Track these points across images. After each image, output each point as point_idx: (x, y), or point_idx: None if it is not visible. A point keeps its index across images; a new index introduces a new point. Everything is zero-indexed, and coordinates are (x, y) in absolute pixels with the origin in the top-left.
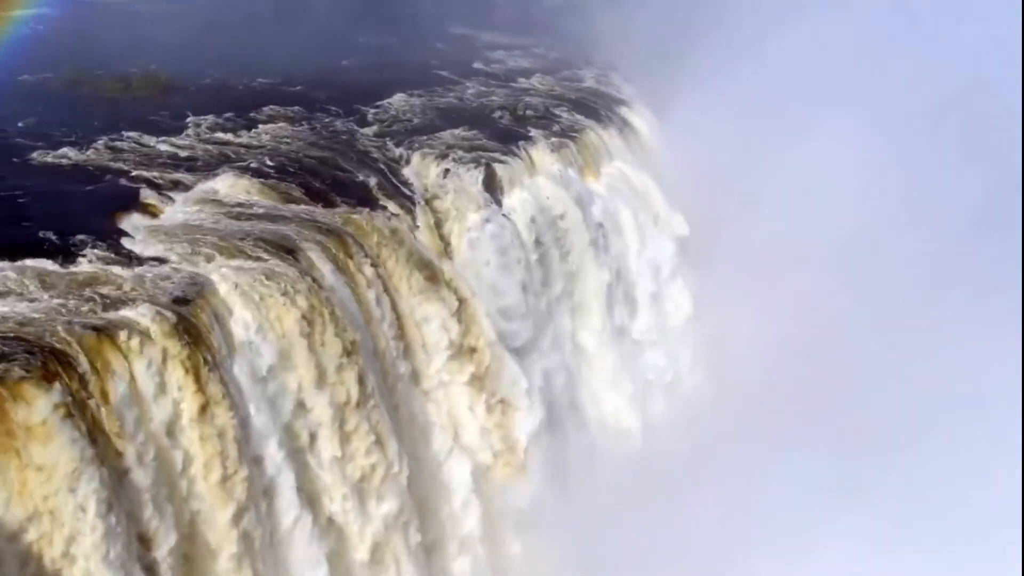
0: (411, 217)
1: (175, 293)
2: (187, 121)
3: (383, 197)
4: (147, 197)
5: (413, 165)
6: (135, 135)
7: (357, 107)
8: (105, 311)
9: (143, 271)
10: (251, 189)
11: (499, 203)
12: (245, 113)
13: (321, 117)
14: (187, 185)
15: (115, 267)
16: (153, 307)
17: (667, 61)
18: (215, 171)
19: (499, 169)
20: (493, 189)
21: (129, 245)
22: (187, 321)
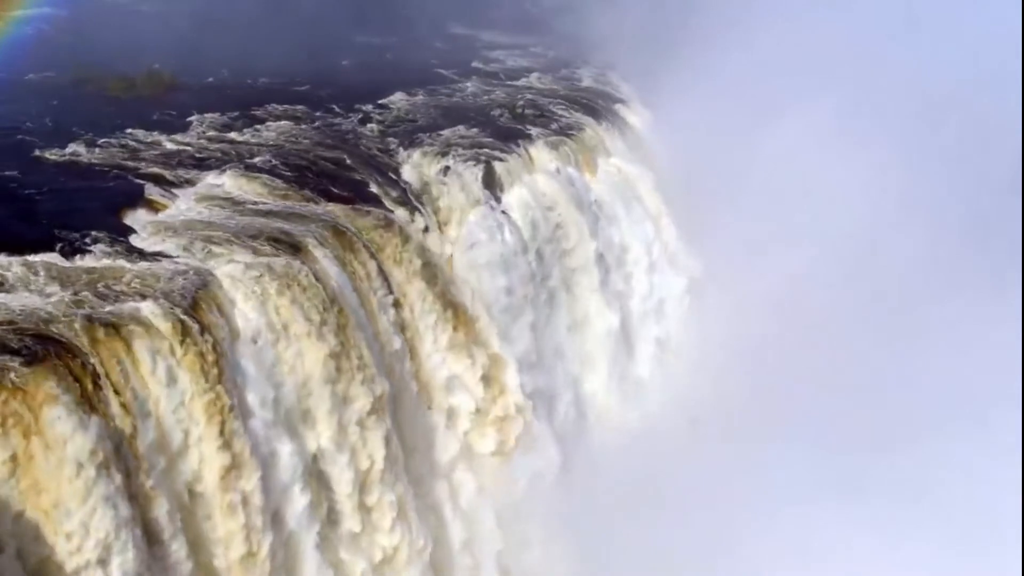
0: (411, 213)
1: (180, 287)
2: (191, 119)
3: (384, 194)
4: (152, 194)
5: (414, 162)
6: (140, 133)
7: (358, 106)
8: (112, 305)
9: (148, 266)
10: (254, 186)
11: (498, 199)
12: (248, 111)
13: (323, 115)
14: (191, 182)
15: (121, 262)
16: (158, 301)
17: (664, 59)
18: (219, 168)
19: (498, 166)
20: (492, 186)
21: (134, 241)
22: (192, 314)
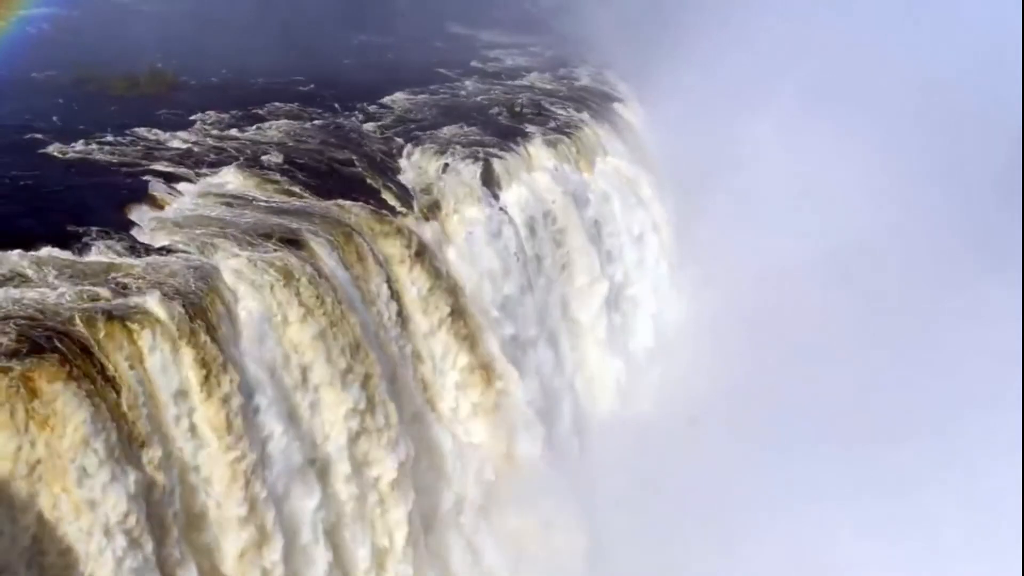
0: (411, 209)
1: (184, 282)
2: (194, 118)
3: (384, 190)
4: (156, 190)
5: (413, 160)
6: (143, 131)
7: (359, 104)
8: (117, 298)
9: (153, 261)
10: (256, 183)
11: (497, 197)
12: (250, 110)
13: (324, 114)
14: (194, 179)
15: (126, 257)
16: (163, 295)
17: (661, 58)
18: (221, 166)
19: (497, 164)
20: (491, 183)
21: (139, 236)
22: (196, 307)
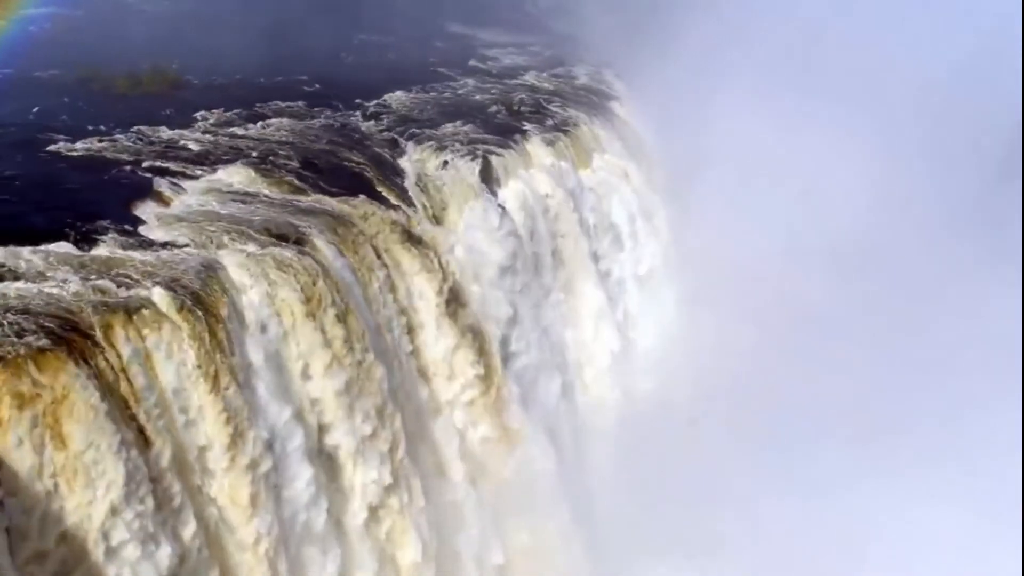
0: (411, 206)
1: (188, 275)
2: (197, 116)
3: (384, 187)
4: (160, 187)
5: (413, 157)
6: (147, 129)
7: (359, 102)
8: (124, 292)
9: (159, 255)
10: (258, 180)
11: (495, 193)
12: (252, 108)
13: (325, 112)
14: (197, 175)
15: (131, 251)
16: (168, 288)
17: (658, 56)
18: (225, 163)
19: (495, 161)
20: (489, 180)
21: (145, 231)
22: (200, 300)
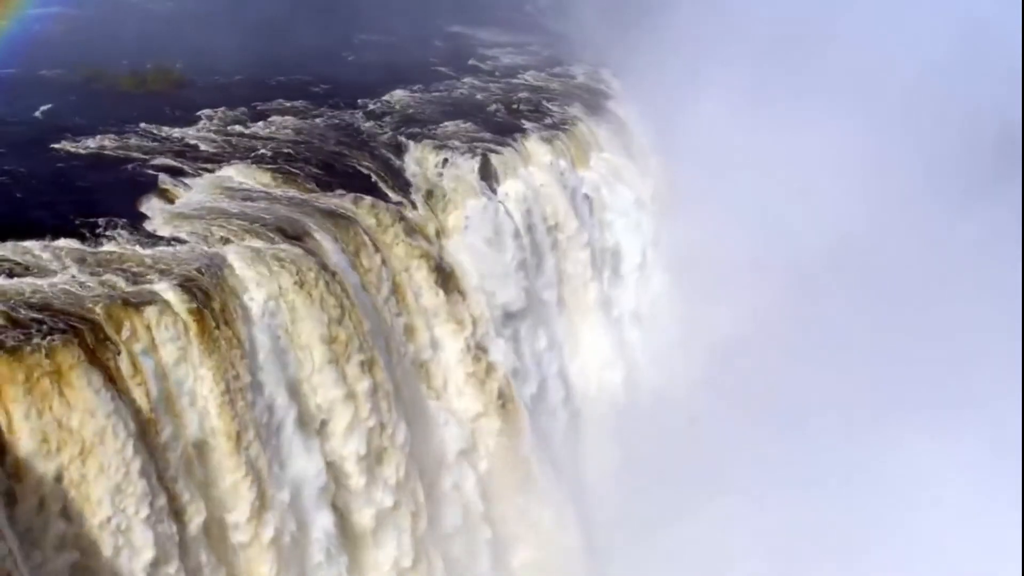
0: (412, 202)
1: (194, 270)
2: (200, 114)
3: (386, 185)
4: (166, 184)
5: (414, 155)
6: (152, 127)
7: (360, 101)
8: (131, 286)
9: (163, 250)
10: (261, 177)
11: (494, 190)
12: (255, 106)
13: (326, 110)
14: (201, 173)
15: (138, 246)
16: (173, 282)
17: (655, 55)
18: (228, 160)
19: (494, 159)
20: (489, 177)
21: (149, 227)
22: (205, 294)
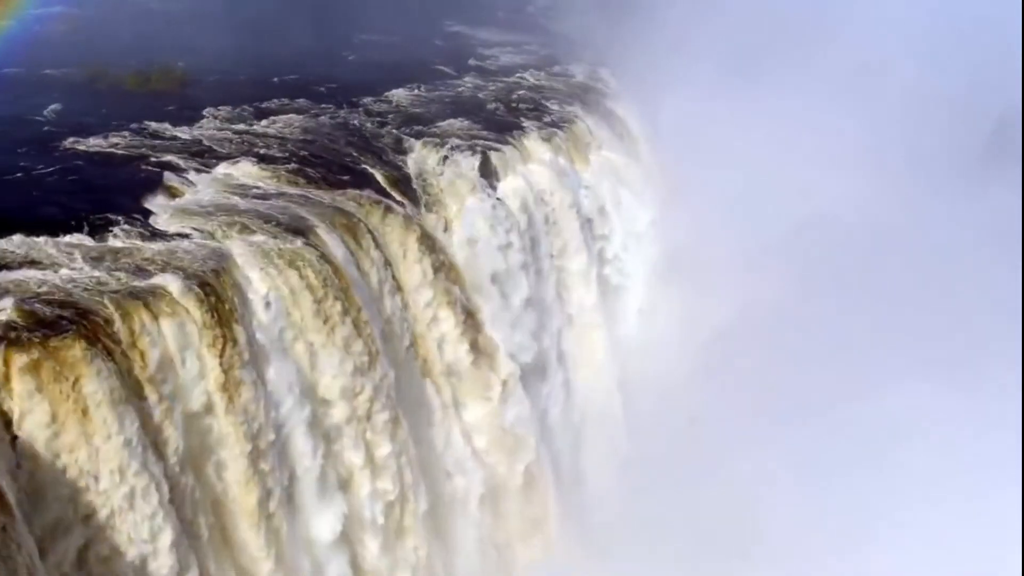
0: (412, 199)
1: (199, 264)
2: (204, 112)
3: (386, 181)
4: (170, 181)
5: (414, 152)
6: (156, 125)
7: (362, 99)
8: (137, 279)
9: (169, 245)
10: (264, 174)
11: (494, 187)
12: (258, 105)
13: (329, 108)
14: (206, 170)
15: (144, 242)
16: (179, 276)
17: (652, 54)
18: (232, 158)
19: (494, 156)
20: (489, 174)
21: (156, 223)
22: (210, 288)
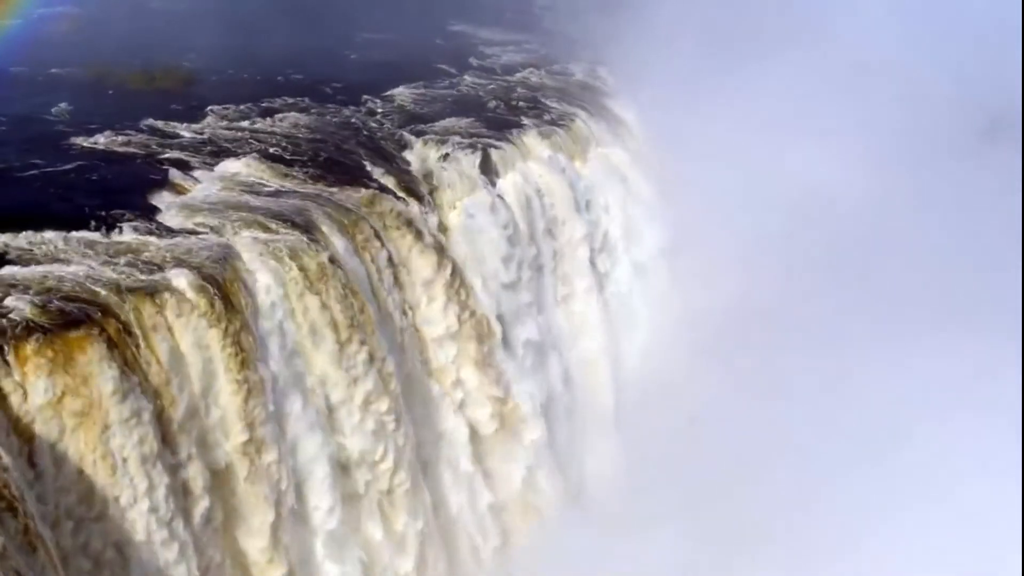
0: (414, 196)
1: (205, 260)
2: (208, 110)
3: (388, 178)
4: (176, 178)
5: (415, 150)
6: (161, 123)
7: (364, 97)
8: (145, 275)
9: (176, 241)
10: (268, 171)
11: (494, 184)
12: (261, 104)
13: (331, 106)
14: (211, 167)
15: (151, 237)
16: (186, 271)
17: (651, 54)
18: (236, 155)
19: (494, 154)
20: (489, 172)
21: (162, 219)
22: (216, 282)
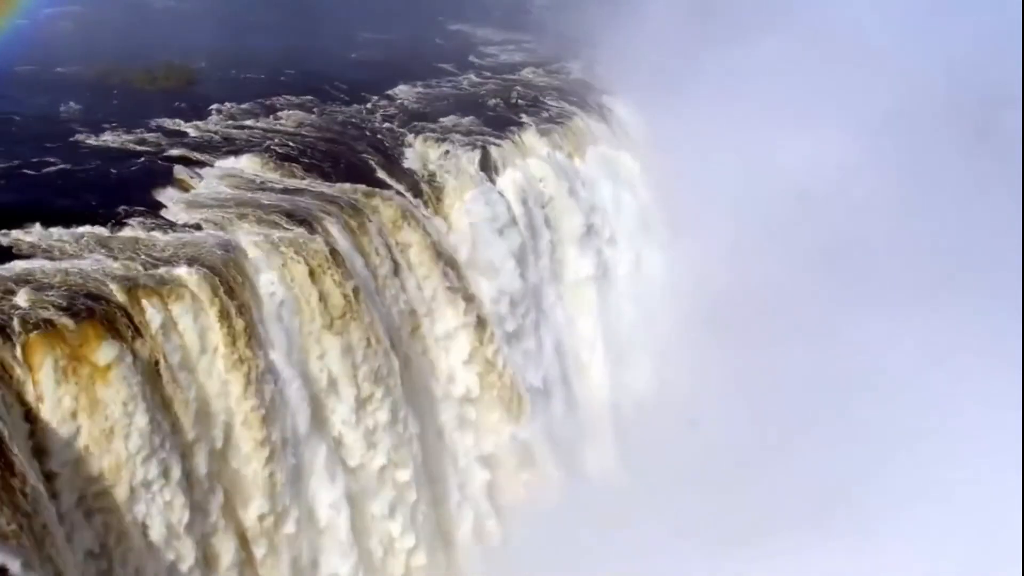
0: (414, 192)
1: (210, 255)
2: (211, 109)
3: (389, 175)
4: (180, 174)
5: (416, 147)
6: (166, 121)
7: (365, 96)
8: (151, 268)
9: (181, 236)
10: (271, 168)
11: (493, 181)
12: (264, 102)
13: (332, 105)
14: (214, 164)
15: (157, 232)
16: (192, 265)
17: (649, 52)
18: (239, 152)
19: (493, 151)
20: (488, 169)
21: (167, 215)
22: (221, 276)
